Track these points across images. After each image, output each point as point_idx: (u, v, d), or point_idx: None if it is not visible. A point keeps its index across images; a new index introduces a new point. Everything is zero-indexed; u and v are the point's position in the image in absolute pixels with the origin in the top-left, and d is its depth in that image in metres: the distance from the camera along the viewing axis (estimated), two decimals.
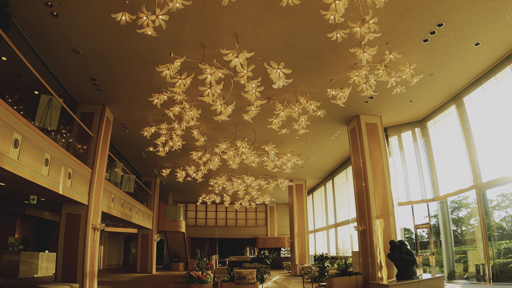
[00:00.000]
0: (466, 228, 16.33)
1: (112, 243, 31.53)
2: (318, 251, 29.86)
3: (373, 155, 15.49)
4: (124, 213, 19.03)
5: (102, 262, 28.32)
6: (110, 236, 30.64)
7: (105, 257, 29.32)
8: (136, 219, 21.72)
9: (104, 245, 29.03)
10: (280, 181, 20.61)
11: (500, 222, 14.68)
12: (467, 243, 16.10)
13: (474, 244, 15.61)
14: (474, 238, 15.63)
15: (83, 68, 12.08)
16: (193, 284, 12.39)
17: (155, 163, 23.16)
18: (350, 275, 14.05)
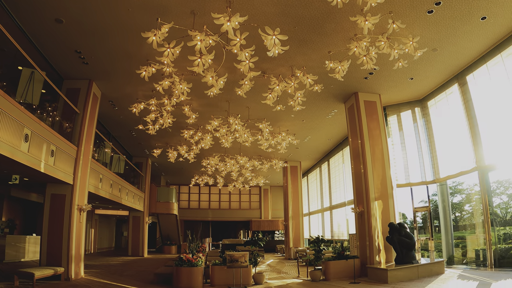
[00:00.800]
0: (460, 214, 15.97)
1: (103, 226, 30.91)
2: (313, 234, 29.43)
3: (371, 134, 14.89)
4: (113, 194, 18.39)
5: (92, 246, 27.74)
6: (101, 219, 29.99)
7: (96, 240, 28.71)
8: (127, 201, 21.11)
9: (95, 228, 28.40)
10: (274, 162, 20.02)
11: (495, 209, 14.35)
12: (463, 228, 15.75)
13: (470, 230, 15.31)
14: (472, 223, 15.25)
15: (67, 40, 11.30)
16: (182, 267, 11.81)
17: (146, 143, 22.48)
18: (347, 259, 13.53)
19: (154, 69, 9.52)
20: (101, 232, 30.31)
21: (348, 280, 12.97)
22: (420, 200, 16.62)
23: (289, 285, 12.64)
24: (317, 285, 12.33)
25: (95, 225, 28.35)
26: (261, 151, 21.17)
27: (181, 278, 11.72)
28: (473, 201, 15.19)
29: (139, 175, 25.87)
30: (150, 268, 17.58)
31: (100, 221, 29.77)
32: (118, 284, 12.31)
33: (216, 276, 12.46)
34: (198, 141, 15.89)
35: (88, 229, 26.82)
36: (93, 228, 27.82)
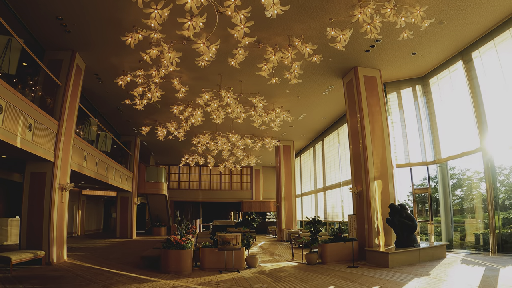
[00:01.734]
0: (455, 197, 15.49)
1: (91, 208, 29.96)
2: (308, 215, 28.90)
3: (371, 111, 14.14)
4: (99, 173, 17.54)
5: (80, 228, 26.87)
6: (88, 200, 29.03)
7: (83, 222, 27.81)
8: (114, 181, 20.27)
9: (82, 210, 27.49)
10: (267, 141, 19.30)
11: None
12: (459, 212, 15.34)
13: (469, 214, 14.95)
14: (471, 207, 14.93)
15: (48, 5, 10.36)
16: (170, 250, 11.06)
17: (134, 121, 21.54)
18: (344, 241, 12.89)
19: (141, 35, 8.73)
20: (88, 214, 29.39)
21: (346, 263, 12.35)
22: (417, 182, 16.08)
23: (284, 268, 11.98)
24: (314, 268, 11.68)
25: (82, 207, 27.43)
26: (253, 129, 20.42)
27: (169, 261, 10.98)
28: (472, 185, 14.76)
29: (127, 155, 25.00)
30: (137, 250, 16.88)
31: (87, 202, 28.82)
32: (101, 268, 11.57)
33: (206, 259, 11.76)
34: (188, 117, 15.10)
35: (75, 210, 25.95)
36: (80, 209, 26.92)
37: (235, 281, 9.53)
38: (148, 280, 9.58)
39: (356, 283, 8.97)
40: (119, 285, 8.88)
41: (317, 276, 10.23)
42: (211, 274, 10.79)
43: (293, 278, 9.98)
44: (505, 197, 13.14)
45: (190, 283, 9.32)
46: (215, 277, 10.26)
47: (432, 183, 15.61)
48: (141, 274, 10.52)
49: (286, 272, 11.05)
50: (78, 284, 8.94)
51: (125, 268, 11.76)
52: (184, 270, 10.90)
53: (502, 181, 13.32)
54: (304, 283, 9.14)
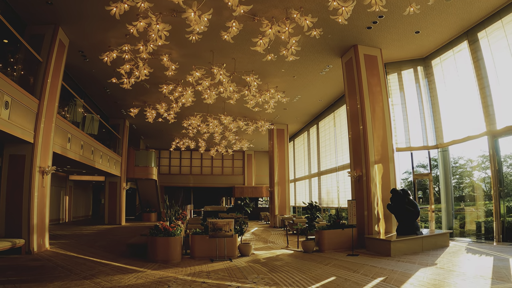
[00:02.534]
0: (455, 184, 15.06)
1: (78, 193, 29.02)
2: (302, 201, 28.31)
3: (372, 91, 13.41)
4: (85, 157, 16.71)
5: (67, 214, 25.97)
6: (76, 186, 28.08)
7: (71, 209, 26.90)
8: (101, 164, 19.46)
9: (70, 195, 26.57)
10: (260, 123, 18.55)
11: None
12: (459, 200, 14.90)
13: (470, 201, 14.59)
14: (471, 195, 14.59)
15: None
16: (158, 237, 10.33)
17: (122, 102, 20.64)
18: (343, 228, 12.23)
19: (126, 5, 7.92)
20: (76, 200, 28.47)
21: (344, 251, 11.74)
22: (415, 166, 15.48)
23: (279, 257, 11.33)
24: (311, 257, 11.04)
25: (69, 192, 26.50)
26: (246, 111, 19.69)
27: (156, 249, 10.27)
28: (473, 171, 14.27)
29: (116, 138, 24.13)
30: (125, 237, 16.17)
31: (75, 188, 27.89)
32: (84, 257, 10.84)
33: (197, 247, 11.06)
34: (178, 98, 14.31)
35: (62, 196, 25.06)
36: (67, 195, 26.00)
37: (228, 271, 8.85)
38: (133, 270, 8.87)
39: (358, 273, 8.33)
40: (101, 276, 8.17)
41: (316, 265, 9.58)
42: (201, 263, 10.11)
43: (290, 267, 9.32)
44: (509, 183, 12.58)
45: (179, 273, 8.62)
46: (205, 266, 9.58)
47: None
48: (126, 264, 9.81)
49: (282, 261, 10.39)
50: (56, 275, 8.21)
51: (110, 256, 11.05)
52: (173, 259, 10.19)
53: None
54: (302, 273, 8.48)
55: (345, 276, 8.04)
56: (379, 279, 7.72)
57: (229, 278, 8.09)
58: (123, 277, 8.12)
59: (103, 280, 7.81)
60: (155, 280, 7.83)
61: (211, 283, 7.58)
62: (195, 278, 8.06)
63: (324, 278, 7.96)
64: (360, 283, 7.41)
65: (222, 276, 8.30)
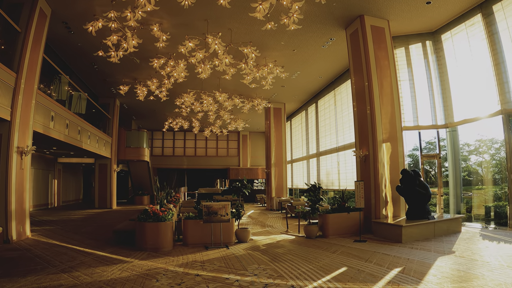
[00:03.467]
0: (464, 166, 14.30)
1: (68, 177, 27.84)
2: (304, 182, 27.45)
3: (379, 65, 12.39)
4: (70, 137, 15.63)
5: (56, 198, 24.86)
6: (65, 169, 26.91)
7: (60, 193, 25.77)
8: (89, 145, 18.39)
9: (59, 179, 25.42)
10: (257, 102, 17.49)
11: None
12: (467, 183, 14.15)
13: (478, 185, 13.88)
14: (479, 178, 13.87)
15: None
16: (147, 222, 9.36)
17: (112, 80, 19.46)
18: (349, 211, 11.31)
19: None
20: (66, 183, 27.29)
21: (350, 237, 10.88)
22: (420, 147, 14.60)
23: (280, 243, 10.43)
24: (315, 243, 10.15)
25: (58, 176, 25.35)
26: (242, 89, 18.66)
27: (145, 236, 9.31)
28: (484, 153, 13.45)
29: (106, 118, 23.01)
30: (114, 222, 15.21)
31: (64, 171, 26.71)
32: (67, 246, 9.88)
33: (190, 233, 10.09)
34: (170, 73, 13.22)
35: (50, 180, 23.95)
36: (56, 179, 24.87)
37: (225, 261, 7.93)
38: (118, 261, 7.94)
39: (371, 263, 7.45)
40: (81, 268, 7.22)
41: (322, 253, 8.68)
42: (195, 251, 9.18)
43: (293, 256, 8.41)
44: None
45: (169, 264, 7.69)
46: (200, 255, 8.66)
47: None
48: (111, 253, 8.88)
49: (283, 248, 9.49)
50: (32, 268, 7.27)
51: (95, 244, 10.10)
52: (164, 247, 9.25)
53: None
54: (309, 263, 7.58)
55: (357, 266, 7.15)
56: (396, 270, 6.84)
57: (226, 269, 7.17)
58: (106, 269, 7.19)
59: (83, 273, 6.87)
60: (142, 273, 6.90)
61: (206, 276, 6.66)
62: (188, 270, 7.13)
63: (333, 268, 7.06)
64: (375, 274, 6.53)
65: (218, 267, 7.38)
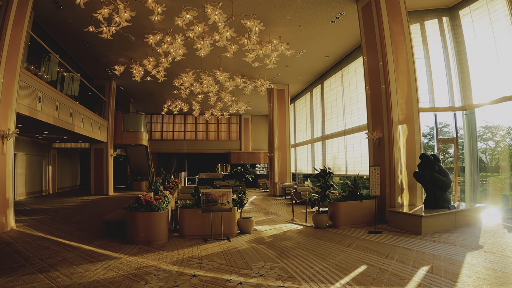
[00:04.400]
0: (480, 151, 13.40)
1: (64, 162, 26.76)
2: (300, 168, 26.53)
3: (394, 41, 11.30)
4: (60, 120, 14.61)
5: (51, 185, 23.80)
6: (61, 154, 25.79)
7: (55, 179, 24.75)
8: (82, 129, 17.39)
9: (53, 165, 24.34)
10: (259, 82, 16.43)
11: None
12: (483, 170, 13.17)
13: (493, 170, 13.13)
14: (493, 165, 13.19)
15: None
16: (138, 212, 8.42)
17: (106, 60, 18.40)
18: (361, 199, 10.36)
19: None
20: (62, 169, 26.22)
21: (363, 227, 9.97)
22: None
23: (287, 234, 9.52)
24: (325, 234, 9.24)
25: (53, 162, 24.27)
26: (244, 69, 17.65)
27: (136, 228, 8.39)
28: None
29: (102, 101, 22.00)
30: (108, 210, 14.31)
31: (59, 156, 25.61)
32: (52, 239, 8.95)
33: (187, 223, 9.13)
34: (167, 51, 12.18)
35: (44, 166, 22.92)
36: (50, 165, 23.78)
37: (225, 257, 7.01)
38: (105, 257, 7.02)
39: (393, 259, 6.53)
40: (62, 267, 6.32)
41: (335, 247, 7.75)
42: (193, 244, 8.27)
43: (303, 250, 7.49)
44: None
45: (162, 261, 6.77)
46: (198, 249, 7.75)
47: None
48: (99, 246, 7.97)
49: (291, 241, 8.56)
50: (8, 266, 6.39)
51: (83, 236, 9.20)
52: (157, 239, 8.32)
53: None
54: (322, 260, 6.66)
55: (378, 264, 6.23)
56: (423, 269, 5.92)
57: (228, 267, 6.25)
58: (89, 268, 6.27)
59: (62, 273, 5.97)
60: (130, 272, 5.99)
61: (204, 277, 5.74)
62: (183, 269, 6.21)
63: (351, 267, 6.14)
64: (401, 275, 5.60)
65: (219, 264, 6.47)
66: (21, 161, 19.46)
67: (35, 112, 12.35)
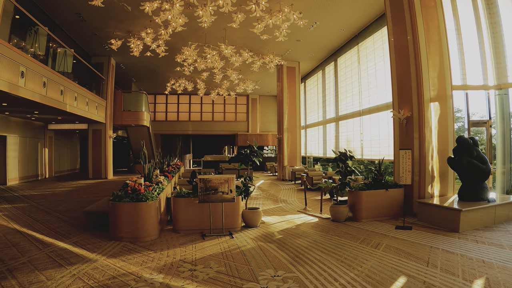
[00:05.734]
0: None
1: (62, 145, 25.27)
2: (310, 151, 25.10)
3: (425, 5, 9.73)
4: (48, 97, 13.20)
5: (47, 169, 22.47)
6: (58, 136, 24.33)
7: (52, 163, 23.40)
8: (76, 108, 16.01)
9: (50, 147, 22.90)
10: (268, 58, 14.92)
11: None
12: None
13: None
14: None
15: None
16: (122, 203, 7.01)
17: (102, 34, 16.92)
18: (387, 188, 8.95)
19: None
20: (59, 152, 24.76)
21: (388, 221, 8.62)
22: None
23: (300, 228, 8.18)
24: (346, 229, 7.88)
25: (49, 144, 22.80)
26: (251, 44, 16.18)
27: (120, 221, 7.04)
28: None
29: (100, 79, 20.60)
30: (100, 197, 13.03)
31: (57, 138, 24.13)
32: (26, 232, 7.65)
33: (182, 215, 7.79)
34: (166, 19, 10.73)
35: (39, 149, 21.60)
36: (47, 147, 22.36)
37: (225, 261, 5.69)
38: (78, 259, 5.73)
39: (436, 268, 5.18)
40: (22, 273, 5.03)
41: (360, 248, 6.39)
42: (187, 241, 6.95)
43: (323, 253, 6.14)
44: None
45: (146, 266, 5.44)
46: (192, 248, 6.42)
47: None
48: (76, 243, 6.68)
49: (307, 238, 7.19)
50: None
51: (63, 230, 7.90)
52: (145, 235, 6.99)
53: None
54: (348, 267, 5.32)
55: (419, 275, 4.88)
56: (477, 282, 4.60)
57: (227, 278, 4.93)
58: (54, 274, 4.98)
59: (19, 282, 4.72)
60: (102, 283, 4.68)
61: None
62: (170, 279, 4.88)
63: (388, 279, 4.79)
64: None
65: (216, 273, 5.13)
66: (13, 143, 18.18)
67: (17, 88, 10.96)
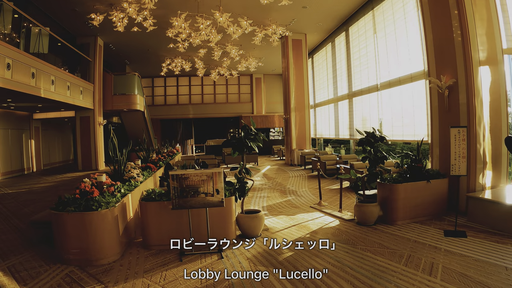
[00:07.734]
0: None
1: (51, 135, 23.17)
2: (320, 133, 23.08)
3: None
4: (16, 81, 11.18)
5: (34, 162, 20.47)
6: (46, 126, 22.38)
7: (40, 155, 21.39)
8: (54, 93, 14.00)
9: (37, 139, 20.90)
10: (271, 30, 12.78)
11: None
12: None
13: None
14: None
15: None
16: (65, 213, 4.97)
17: (82, 9, 14.75)
18: (428, 179, 6.89)
19: None
20: (48, 143, 22.68)
21: (430, 222, 6.64)
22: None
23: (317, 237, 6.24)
24: (381, 239, 5.89)
25: (36, 135, 20.79)
26: (251, 12, 14.22)
27: (66, 238, 5.11)
28: None
29: (85, 61, 18.62)
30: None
31: (45, 128, 22.03)
32: None
33: (153, 225, 5.83)
34: None
35: (24, 141, 19.64)
36: (33, 139, 20.40)
37: None
38: None
39: None
40: None
41: (408, 275, 4.40)
42: (157, 264, 5.03)
43: (353, 287, 4.17)
44: None
45: None
46: (161, 278, 4.48)
47: None
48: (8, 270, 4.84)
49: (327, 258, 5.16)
50: None
51: (5, 245, 6.02)
52: (101, 257, 5.05)
53: None
54: None
55: None
56: None
57: None
58: None
59: None
60: None
61: None
62: None
63: None
64: None
65: None
66: None
67: None
